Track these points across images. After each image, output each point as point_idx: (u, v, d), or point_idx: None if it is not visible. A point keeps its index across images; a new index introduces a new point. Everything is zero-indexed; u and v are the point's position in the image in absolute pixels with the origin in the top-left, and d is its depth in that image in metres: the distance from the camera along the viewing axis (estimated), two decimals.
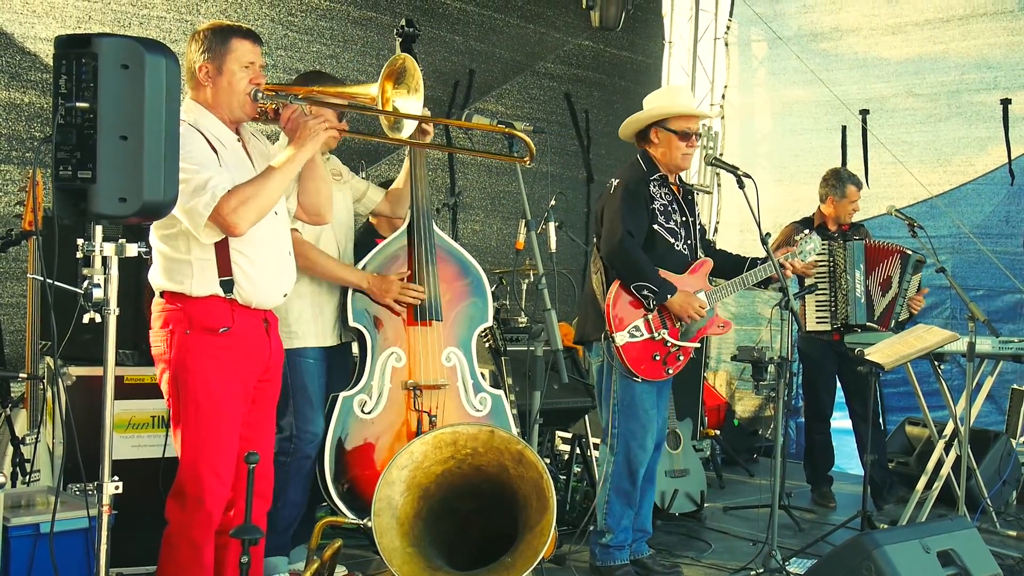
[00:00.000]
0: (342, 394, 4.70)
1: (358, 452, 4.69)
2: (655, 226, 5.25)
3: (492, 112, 8.53)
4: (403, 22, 4.93)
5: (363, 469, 4.67)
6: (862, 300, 6.95)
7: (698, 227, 5.52)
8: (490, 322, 5.15)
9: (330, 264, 4.76)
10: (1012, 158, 8.11)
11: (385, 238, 5.01)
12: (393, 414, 4.75)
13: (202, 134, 3.83)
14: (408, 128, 4.15)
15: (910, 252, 6.97)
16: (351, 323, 4.74)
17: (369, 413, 4.72)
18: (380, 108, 3.98)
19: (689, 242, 5.42)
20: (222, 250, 3.84)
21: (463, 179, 8.61)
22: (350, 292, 4.74)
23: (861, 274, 6.95)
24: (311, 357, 4.74)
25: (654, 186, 5.30)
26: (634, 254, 5.14)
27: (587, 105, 9.43)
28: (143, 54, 3.14)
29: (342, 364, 4.99)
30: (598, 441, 5.82)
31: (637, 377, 5.21)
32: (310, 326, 4.75)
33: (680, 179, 5.52)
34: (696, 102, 9.64)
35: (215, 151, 3.84)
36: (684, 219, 5.40)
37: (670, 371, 5.33)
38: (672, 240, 5.31)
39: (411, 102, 4.07)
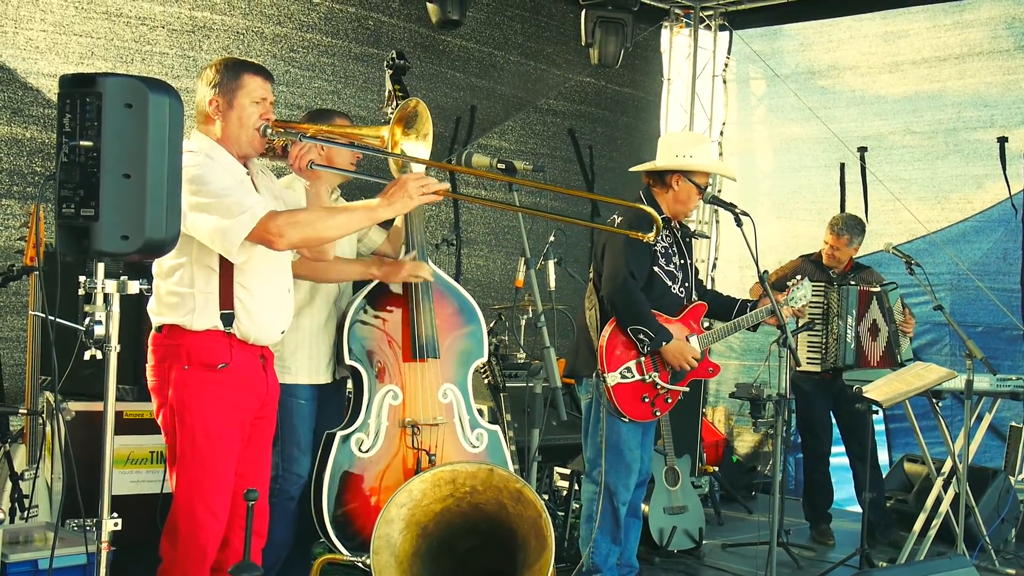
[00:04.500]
0: (339, 433, 4.65)
1: (356, 490, 4.65)
2: (655, 268, 5.29)
3: (495, 148, 8.57)
4: (393, 54, 4.86)
5: (361, 507, 4.63)
6: (852, 346, 6.97)
7: (693, 269, 5.56)
8: (486, 357, 5.13)
9: (340, 265, 4.70)
10: (1012, 194, 8.13)
11: None
12: (390, 452, 4.72)
13: (218, 164, 3.84)
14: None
15: (877, 289, 7.00)
16: (347, 361, 4.70)
17: (367, 452, 4.67)
18: (389, 151, 3.97)
19: (685, 285, 5.46)
20: (225, 283, 3.84)
21: (467, 213, 8.62)
22: (346, 329, 4.69)
23: (853, 319, 6.97)
24: (303, 397, 4.69)
25: None
26: (635, 296, 5.18)
27: (591, 141, 9.46)
28: (147, 93, 3.16)
29: (336, 401, 4.94)
30: None
31: (625, 417, 5.24)
32: (304, 362, 4.71)
33: (679, 221, 5.55)
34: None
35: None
36: (682, 262, 5.44)
37: (657, 413, 5.37)
38: (670, 283, 5.35)
39: (418, 148, 4.04)
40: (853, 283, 7.07)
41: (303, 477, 4.67)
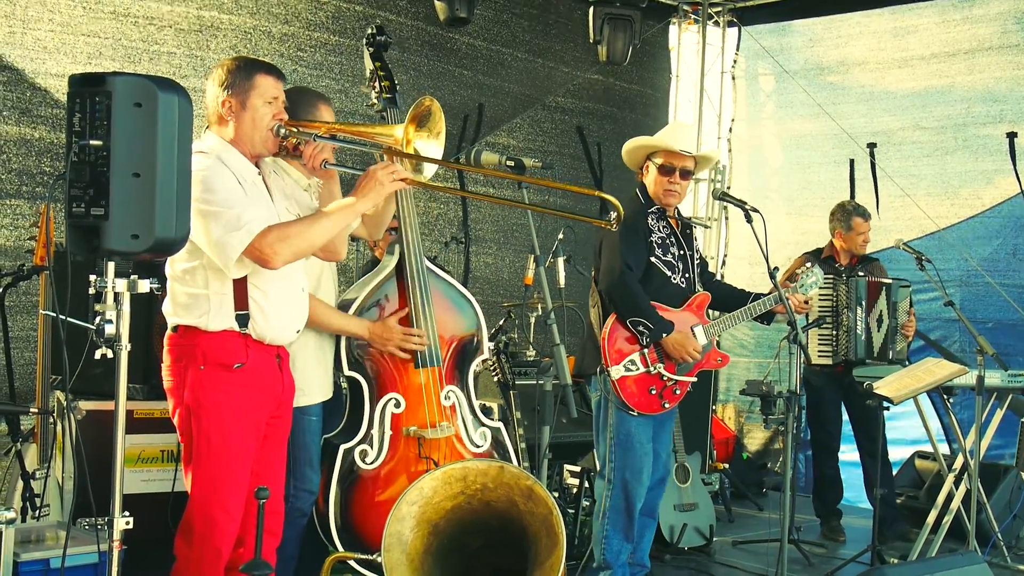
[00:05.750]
0: (343, 446, 4.59)
1: (361, 503, 4.60)
2: (652, 258, 5.27)
3: (503, 146, 8.57)
4: (371, 30, 4.77)
5: (367, 519, 4.57)
6: (863, 337, 6.95)
7: (696, 261, 5.53)
8: (487, 353, 5.06)
9: (330, 315, 4.61)
10: (1022, 189, 8.10)
11: None
12: (394, 461, 4.65)
13: (228, 168, 3.82)
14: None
15: (889, 280, 6.99)
16: (347, 372, 4.64)
17: (371, 464, 4.61)
18: (403, 150, 3.96)
19: (687, 276, 5.43)
20: (240, 284, 3.83)
21: (476, 212, 8.62)
22: (343, 339, 4.62)
23: (863, 311, 6.95)
24: (314, 415, 4.59)
25: (652, 219, 5.34)
26: (633, 288, 5.16)
27: (599, 138, 9.44)
28: (156, 92, 3.17)
29: (336, 408, 4.85)
30: None
31: (633, 411, 5.21)
32: (315, 379, 4.59)
33: (679, 212, 5.54)
34: (703, 136, 9.73)
35: (240, 186, 3.83)
36: (682, 252, 5.42)
37: (666, 405, 5.33)
38: (669, 273, 5.32)
39: (431, 146, 4.04)
40: (861, 275, 7.05)
41: (314, 493, 4.61)
